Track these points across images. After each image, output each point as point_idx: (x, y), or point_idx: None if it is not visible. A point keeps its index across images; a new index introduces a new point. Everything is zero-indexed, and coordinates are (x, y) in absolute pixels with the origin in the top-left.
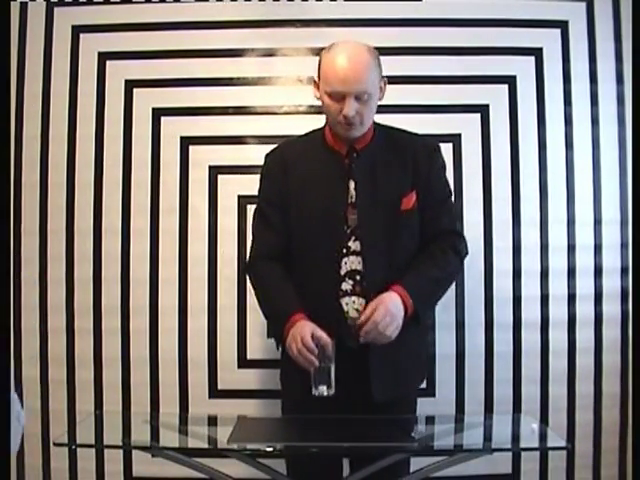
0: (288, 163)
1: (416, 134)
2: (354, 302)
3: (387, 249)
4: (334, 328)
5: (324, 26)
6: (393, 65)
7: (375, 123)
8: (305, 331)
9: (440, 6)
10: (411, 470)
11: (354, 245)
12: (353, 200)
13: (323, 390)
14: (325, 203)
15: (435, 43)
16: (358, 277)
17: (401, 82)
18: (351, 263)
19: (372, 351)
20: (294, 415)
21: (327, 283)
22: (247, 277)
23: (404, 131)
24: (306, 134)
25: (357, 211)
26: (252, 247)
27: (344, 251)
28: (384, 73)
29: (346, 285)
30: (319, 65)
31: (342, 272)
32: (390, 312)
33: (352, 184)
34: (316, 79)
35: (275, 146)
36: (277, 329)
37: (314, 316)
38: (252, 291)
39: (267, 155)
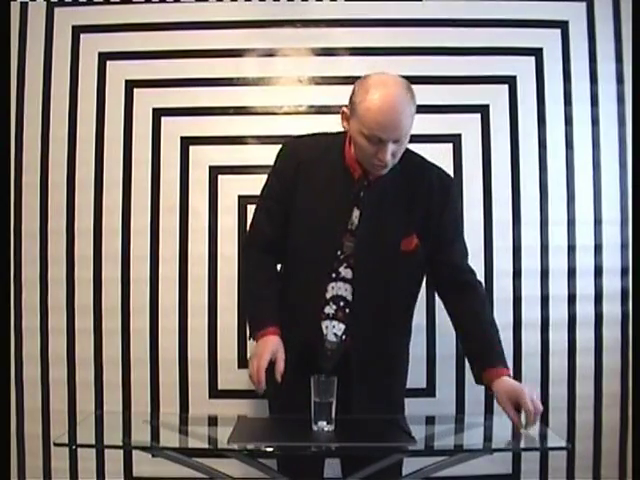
0: (301, 168)
1: (436, 168)
2: (334, 326)
3: (379, 283)
4: (312, 350)
5: (324, 26)
6: (393, 65)
7: None
8: (267, 350)
9: (440, 6)
10: (410, 470)
11: (344, 272)
12: (353, 227)
13: (323, 425)
14: (326, 223)
15: (435, 43)
16: (342, 303)
17: None
18: (338, 289)
19: (356, 377)
20: (294, 416)
21: (312, 304)
22: (241, 258)
23: (420, 158)
24: (326, 137)
25: (355, 240)
26: (250, 234)
27: (333, 275)
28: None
29: (329, 309)
30: (353, 100)
31: (327, 295)
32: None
33: (356, 212)
34: (346, 110)
35: (294, 140)
36: (252, 332)
37: (295, 332)
38: None
39: (283, 150)
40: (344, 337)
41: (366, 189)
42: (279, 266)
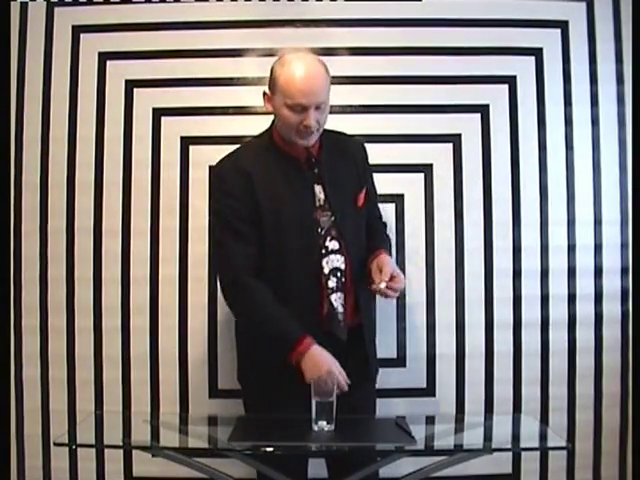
0: (252, 176)
1: (348, 135)
2: (339, 297)
3: (357, 245)
4: (326, 324)
5: (324, 26)
6: (393, 65)
7: None
8: (330, 360)
9: (440, 6)
10: (410, 470)
11: (331, 245)
12: (321, 203)
13: (323, 425)
14: (296, 210)
15: (435, 43)
16: (339, 273)
17: (401, 82)
18: (332, 261)
19: (367, 335)
20: (295, 415)
21: (314, 283)
22: (228, 292)
23: (339, 133)
24: (251, 143)
25: (330, 213)
26: (228, 262)
27: (323, 251)
28: (388, 72)
29: (332, 283)
30: (273, 77)
31: (325, 271)
32: (401, 274)
33: (318, 188)
34: (267, 91)
35: (225, 158)
36: (287, 348)
37: (303, 317)
38: None
39: (223, 170)
40: (345, 306)
41: (317, 166)
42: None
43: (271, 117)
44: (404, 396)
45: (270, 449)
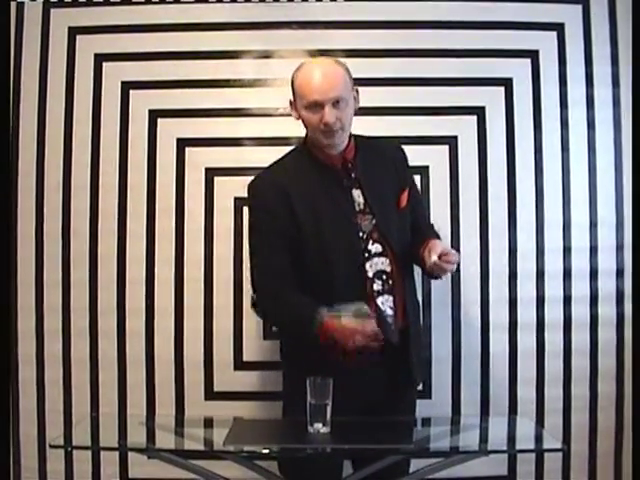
0: (287, 188)
1: (384, 138)
2: (387, 300)
3: (402, 246)
4: (380, 327)
5: (321, 28)
6: (389, 67)
7: (353, 135)
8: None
9: (436, 8)
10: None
11: (374, 248)
12: (361, 207)
13: (319, 428)
14: (336, 216)
15: (431, 45)
16: (384, 276)
17: (397, 84)
18: (375, 265)
19: (411, 343)
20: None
21: (359, 287)
22: (263, 303)
23: (378, 138)
24: (288, 155)
25: (371, 216)
26: (262, 274)
27: (366, 255)
28: (384, 74)
29: (377, 286)
30: (293, 86)
31: (369, 274)
32: (454, 251)
33: (356, 192)
34: (292, 100)
35: (261, 173)
36: (310, 327)
37: None
38: (247, 292)
39: (257, 184)
40: (395, 308)
41: (354, 170)
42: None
43: (266, 119)
44: None
45: (265, 451)
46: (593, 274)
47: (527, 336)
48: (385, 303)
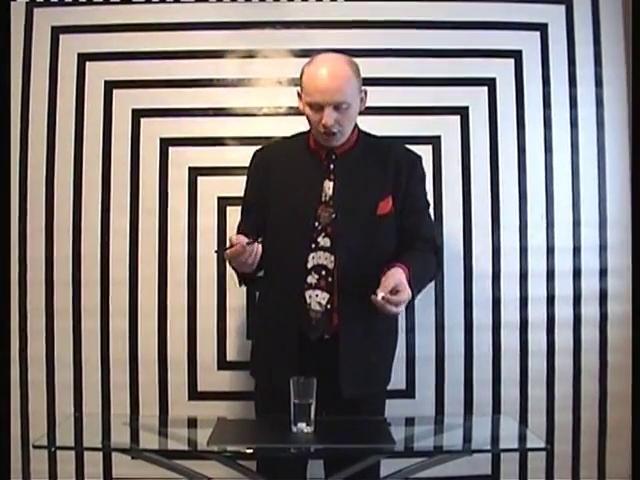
0: (271, 163)
1: (403, 145)
2: (317, 295)
3: (360, 248)
4: (297, 320)
5: (304, 28)
6: (373, 67)
7: (362, 131)
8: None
9: (419, 8)
10: (390, 471)
11: (323, 241)
12: (327, 199)
13: (302, 427)
14: (298, 200)
15: (414, 45)
16: (324, 272)
17: (381, 84)
18: (318, 258)
19: (342, 345)
20: (272, 414)
21: (293, 276)
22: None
23: (392, 140)
24: (293, 136)
25: (332, 209)
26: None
27: (312, 246)
28: (367, 74)
29: (311, 278)
30: (301, 77)
31: (309, 266)
32: (407, 290)
33: (329, 184)
34: (299, 91)
35: (263, 145)
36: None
37: (281, 308)
38: (231, 292)
39: (254, 154)
40: (329, 306)
41: (334, 162)
42: None
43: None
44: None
45: (249, 451)
46: (576, 273)
47: (510, 336)
48: (312, 297)
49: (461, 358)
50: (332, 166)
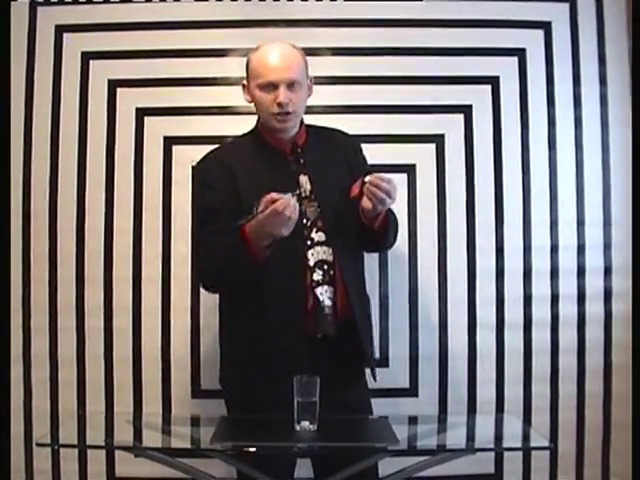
0: (233, 167)
1: (340, 131)
2: (326, 291)
3: (351, 235)
4: (312, 319)
5: (308, 26)
6: (376, 65)
7: (305, 124)
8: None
9: (423, 7)
10: (393, 470)
11: (317, 236)
12: (307, 194)
13: (306, 425)
14: None
15: (417, 43)
16: (326, 266)
17: (384, 82)
18: (317, 253)
19: (361, 328)
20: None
21: (298, 276)
22: (205, 287)
23: (330, 128)
24: (236, 138)
25: (316, 203)
26: (205, 254)
27: (308, 243)
28: (369, 72)
29: (317, 275)
30: (247, 66)
31: (311, 263)
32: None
33: (303, 178)
34: (245, 82)
35: (207, 153)
36: (233, 244)
37: (288, 310)
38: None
39: (203, 162)
40: (335, 299)
41: (303, 156)
42: None
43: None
44: (387, 396)
45: (253, 449)
46: (580, 272)
47: (514, 334)
48: (324, 294)
49: (464, 357)
50: (302, 160)
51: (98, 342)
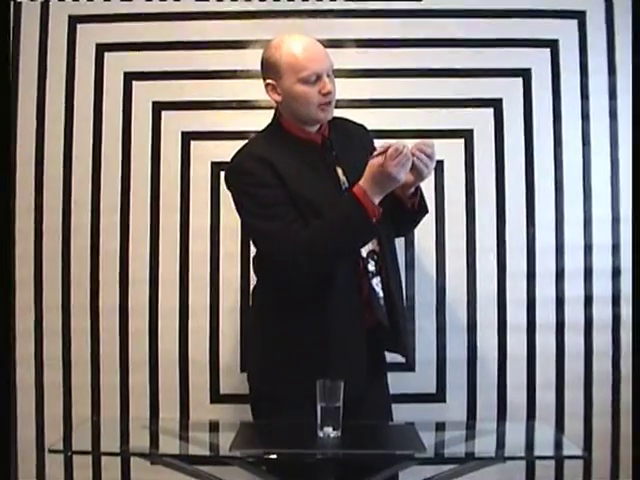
0: (274, 164)
1: (347, 119)
2: (380, 281)
3: (387, 226)
4: (369, 310)
5: (331, 17)
6: (402, 58)
7: None
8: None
9: None
10: (419, 479)
11: None
12: (346, 185)
13: (329, 432)
14: (323, 193)
15: (447, 34)
16: (375, 256)
17: (411, 75)
18: (367, 244)
19: (400, 323)
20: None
21: (352, 267)
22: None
23: (339, 118)
24: (258, 135)
25: None
26: (282, 245)
27: None
28: (401, 65)
29: (371, 266)
30: (273, 64)
31: (363, 254)
32: None
33: (339, 170)
34: (270, 81)
35: (240, 153)
36: (351, 213)
37: (344, 303)
38: None
39: (242, 163)
40: (384, 289)
41: (334, 148)
42: None
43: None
44: (413, 402)
45: (274, 456)
46: (615, 272)
47: (546, 337)
48: (378, 285)
49: (494, 360)
50: (334, 152)
51: (113, 344)
